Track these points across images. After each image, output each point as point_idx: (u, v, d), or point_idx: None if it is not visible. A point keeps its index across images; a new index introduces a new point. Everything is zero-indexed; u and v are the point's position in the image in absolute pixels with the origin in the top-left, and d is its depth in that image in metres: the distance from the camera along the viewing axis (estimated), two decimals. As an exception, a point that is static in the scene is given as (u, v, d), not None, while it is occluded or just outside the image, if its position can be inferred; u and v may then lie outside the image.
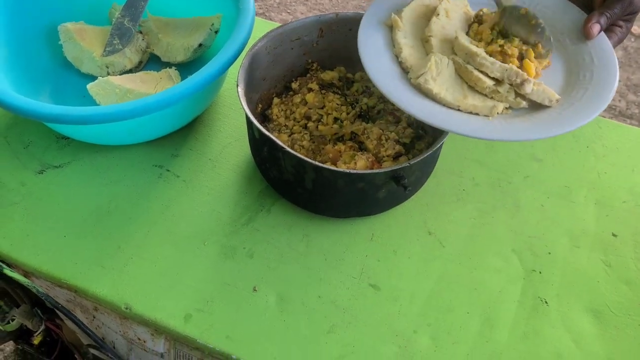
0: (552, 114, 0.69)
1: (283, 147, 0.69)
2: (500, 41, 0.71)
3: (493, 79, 0.69)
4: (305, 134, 0.82)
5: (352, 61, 0.89)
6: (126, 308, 0.71)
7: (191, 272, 0.74)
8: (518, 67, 0.69)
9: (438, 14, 0.75)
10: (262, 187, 0.82)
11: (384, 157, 0.79)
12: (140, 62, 0.95)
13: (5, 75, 0.83)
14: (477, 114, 0.69)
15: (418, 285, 0.74)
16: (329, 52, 0.89)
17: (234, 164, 0.85)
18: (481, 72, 0.69)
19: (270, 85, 0.87)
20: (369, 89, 0.89)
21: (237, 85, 0.74)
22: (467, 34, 0.75)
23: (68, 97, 0.90)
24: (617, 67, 0.72)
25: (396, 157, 0.80)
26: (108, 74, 0.93)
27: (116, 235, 0.77)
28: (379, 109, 0.86)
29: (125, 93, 0.84)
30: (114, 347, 0.85)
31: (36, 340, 1.01)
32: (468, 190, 0.83)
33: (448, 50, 0.72)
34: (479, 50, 0.70)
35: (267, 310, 0.71)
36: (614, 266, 0.76)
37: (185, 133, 0.88)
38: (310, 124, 0.83)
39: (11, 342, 1.32)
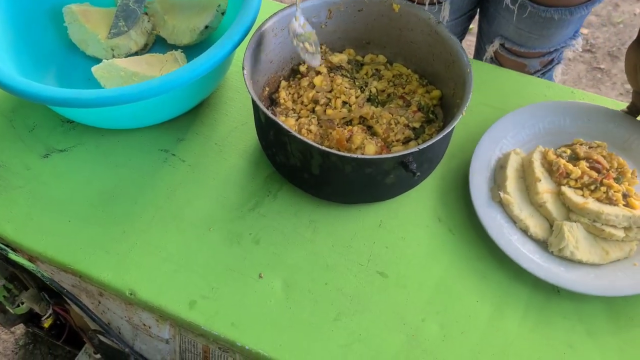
0: None
1: (289, 132, 0.67)
2: (603, 188, 0.73)
3: (622, 228, 0.72)
4: (313, 118, 0.80)
5: (361, 43, 0.88)
6: (131, 294, 0.70)
7: (196, 258, 0.73)
8: (625, 206, 0.73)
9: (540, 180, 0.75)
10: (268, 172, 0.81)
11: (393, 141, 0.77)
12: (145, 45, 0.94)
13: (10, 58, 0.82)
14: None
15: (427, 272, 0.72)
16: (337, 34, 0.86)
17: (240, 149, 0.84)
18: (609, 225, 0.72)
19: (278, 68, 0.85)
20: (379, 72, 0.87)
21: (243, 68, 0.72)
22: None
23: (73, 80, 0.89)
24: None
25: (406, 142, 0.78)
26: (113, 56, 0.91)
27: (121, 220, 0.76)
28: (389, 93, 0.84)
29: (130, 76, 0.82)
30: (119, 333, 0.85)
31: (46, 324, 1.02)
32: (479, 176, 0.81)
33: (561, 206, 0.74)
34: (601, 207, 0.72)
35: (273, 297, 0.70)
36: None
37: (191, 117, 0.87)
38: (317, 108, 0.81)
39: (22, 325, 1.33)
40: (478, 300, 0.70)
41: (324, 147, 0.66)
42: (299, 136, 0.67)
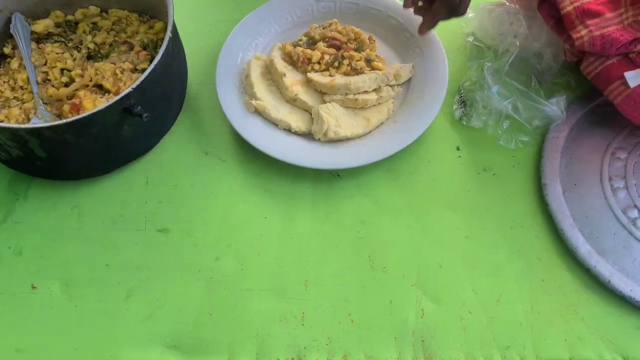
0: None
1: (-18, 123, 0.58)
2: (346, 62, 0.72)
3: (373, 91, 0.71)
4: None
5: (65, 0, 0.78)
6: None
7: (-49, 300, 0.63)
8: (371, 70, 0.72)
9: (284, 74, 0.72)
10: (9, 175, 0.71)
11: (125, 92, 0.70)
12: None
13: None
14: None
15: (208, 210, 0.68)
16: (30, -2, 0.76)
17: (-30, 162, 0.72)
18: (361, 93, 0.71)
19: (-23, 59, 0.73)
20: (97, 24, 0.78)
21: None
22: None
23: None
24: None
25: (140, 88, 0.71)
26: None
27: None
28: (110, 43, 0.76)
29: None
30: None
31: None
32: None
33: (313, 93, 0.72)
34: (348, 79, 0.70)
35: (54, 303, 0.63)
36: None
37: None
38: (40, 89, 0.72)
39: None
40: (266, 216, 0.67)
41: (28, 125, 0.58)
42: (-4, 124, 0.58)
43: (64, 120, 0.58)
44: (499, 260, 0.63)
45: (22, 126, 0.58)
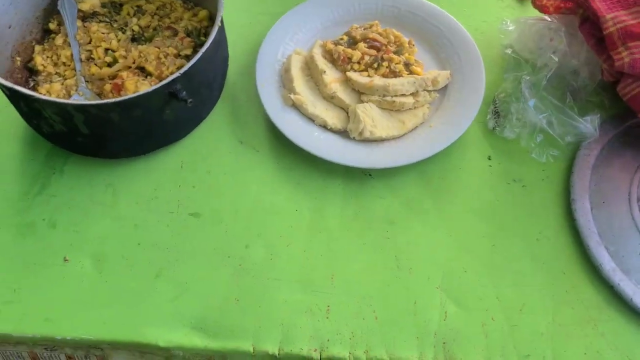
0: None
1: (33, 96, 0.59)
2: (385, 64, 0.73)
3: (410, 95, 0.73)
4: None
5: (109, -19, 0.79)
6: None
7: (-14, 266, 0.64)
8: (409, 74, 0.74)
9: (324, 71, 0.73)
10: (47, 148, 0.72)
11: (168, 76, 0.71)
12: None
13: None
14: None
15: (240, 198, 0.69)
16: (79, -23, 0.77)
17: (9, 133, 0.73)
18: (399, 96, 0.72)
19: (23, 32, 0.74)
20: (141, 8, 0.79)
21: (-38, 41, 0.62)
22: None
23: None
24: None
25: (183, 73, 0.72)
26: None
27: None
28: (154, 27, 0.77)
29: None
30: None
31: None
32: (273, 86, 0.78)
33: (351, 92, 0.73)
34: (387, 81, 0.71)
35: (84, 277, 0.64)
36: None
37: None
38: (83, 67, 0.73)
39: None
40: (297, 208, 0.68)
41: (76, 101, 0.59)
42: (45, 97, 0.59)
43: (112, 99, 0.59)
44: (524, 271, 0.64)
45: (70, 102, 0.59)
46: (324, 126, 0.71)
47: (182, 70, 0.60)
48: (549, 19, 0.74)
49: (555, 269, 0.64)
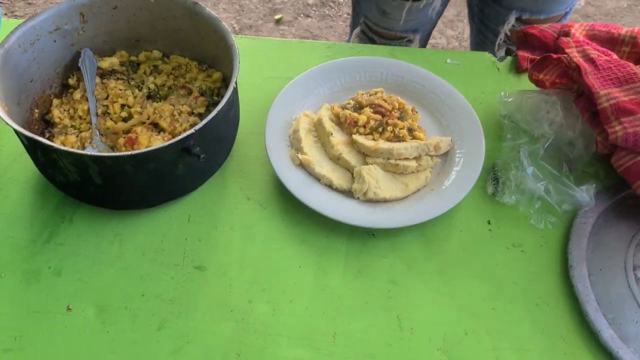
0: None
1: (52, 146, 0.61)
2: (389, 128, 0.76)
3: (414, 159, 0.75)
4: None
5: (131, 42, 0.83)
6: None
7: (-11, 312, 0.64)
8: (412, 139, 0.77)
9: (331, 134, 0.76)
10: (58, 197, 0.74)
11: (181, 132, 0.74)
12: None
13: None
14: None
15: (245, 253, 0.70)
16: (101, 37, 0.81)
17: (22, 182, 0.75)
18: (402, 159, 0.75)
19: (44, 86, 0.78)
20: (157, 67, 0.83)
21: (-12, 92, 0.65)
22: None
23: None
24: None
25: (195, 130, 0.75)
26: None
27: None
28: (170, 86, 0.80)
29: None
30: None
31: None
32: (280, 146, 0.81)
33: (357, 154, 0.76)
34: (391, 145, 0.74)
35: (87, 327, 0.64)
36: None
37: (-43, 161, 0.77)
38: (98, 121, 0.76)
39: None
40: (301, 265, 0.70)
41: (93, 153, 0.61)
42: (64, 148, 0.61)
43: (129, 152, 0.62)
44: (524, 335, 0.65)
45: (87, 153, 0.62)
46: (330, 186, 0.73)
47: (197, 127, 0.63)
48: (545, 94, 0.78)
49: (554, 335, 0.65)
